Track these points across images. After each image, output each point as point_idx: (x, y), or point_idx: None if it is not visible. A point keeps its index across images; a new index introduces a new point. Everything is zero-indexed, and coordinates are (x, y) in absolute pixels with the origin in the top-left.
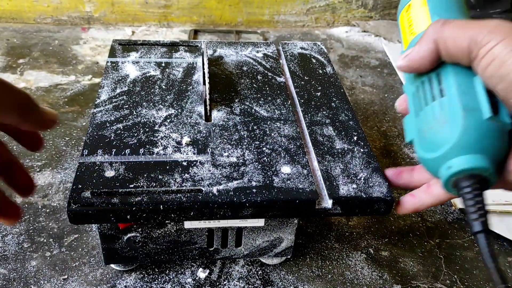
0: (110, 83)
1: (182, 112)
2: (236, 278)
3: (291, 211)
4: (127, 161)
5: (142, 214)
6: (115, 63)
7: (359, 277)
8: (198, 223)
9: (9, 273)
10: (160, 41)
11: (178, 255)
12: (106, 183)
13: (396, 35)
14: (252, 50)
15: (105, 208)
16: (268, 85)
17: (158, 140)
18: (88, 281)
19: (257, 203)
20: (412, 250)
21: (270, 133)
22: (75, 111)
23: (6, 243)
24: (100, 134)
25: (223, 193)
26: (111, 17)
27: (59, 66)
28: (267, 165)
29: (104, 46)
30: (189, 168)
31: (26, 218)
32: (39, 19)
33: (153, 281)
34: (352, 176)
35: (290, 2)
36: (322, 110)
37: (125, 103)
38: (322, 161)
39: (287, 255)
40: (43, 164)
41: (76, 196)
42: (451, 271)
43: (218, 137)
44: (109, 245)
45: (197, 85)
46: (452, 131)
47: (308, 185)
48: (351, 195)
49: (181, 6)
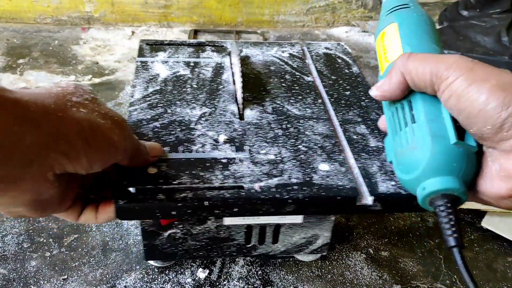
0: (142, 82)
1: (216, 110)
2: (236, 278)
3: (331, 208)
4: (168, 158)
5: (187, 210)
6: (145, 63)
7: (359, 277)
8: (237, 220)
9: (9, 273)
10: (186, 41)
11: (216, 252)
12: (150, 180)
13: None
14: (277, 50)
15: (151, 204)
16: (297, 84)
17: (195, 138)
18: (88, 281)
19: (299, 200)
20: (412, 250)
21: (304, 131)
22: None
23: (6, 243)
24: (138, 132)
25: (265, 190)
26: (111, 17)
27: (59, 66)
28: (305, 163)
29: (104, 46)
30: (229, 165)
31: (25, 218)
32: (39, 19)
33: (152, 281)
34: (389, 173)
35: (290, 2)
36: (353, 108)
37: (159, 102)
38: (358, 158)
39: (322, 252)
40: None
41: (122, 192)
42: (451, 271)
43: (253, 135)
44: (150, 241)
45: (227, 84)
46: (422, 156)
47: (348, 182)
48: (390, 192)
49: (181, 6)
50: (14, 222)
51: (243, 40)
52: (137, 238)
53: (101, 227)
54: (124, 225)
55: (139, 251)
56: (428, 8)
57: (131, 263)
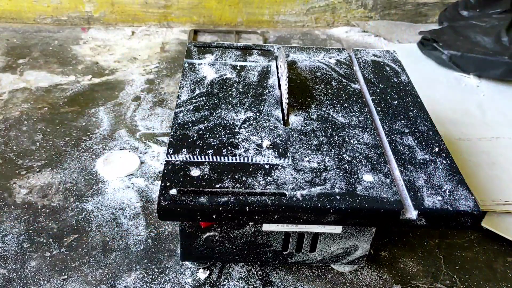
0: (189, 84)
1: (260, 115)
2: (236, 278)
3: (374, 220)
4: (211, 161)
5: (227, 214)
6: (192, 65)
7: (359, 277)
8: (276, 226)
9: (9, 273)
10: (233, 44)
11: (252, 257)
12: (192, 182)
13: (396, 35)
14: (324, 56)
15: (193, 207)
16: (343, 91)
17: (239, 142)
18: (88, 281)
19: (341, 210)
20: (412, 250)
21: (349, 140)
22: (75, 111)
23: (6, 243)
24: (183, 134)
25: (306, 198)
26: (111, 17)
27: (59, 66)
28: (349, 172)
29: (104, 46)
30: (272, 171)
31: (25, 218)
32: (39, 19)
33: (152, 281)
34: (436, 187)
35: (290, 2)
36: (400, 119)
37: (205, 104)
38: (404, 171)
39: (360, 263)
40: (42, 164)
41: (165, 193)
42: (451, 271)
43: (297, 141)
44: (188, 242)
45: (272, 89)
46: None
47: (392, 195)
48: (436, 207)
49: (181, 6)
50: (14, 222)
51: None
52: (137, 239)
53: (101, 227)
54: (124, 225)
55: (139, 251)
56: (428, 8)
57: (131, 263)
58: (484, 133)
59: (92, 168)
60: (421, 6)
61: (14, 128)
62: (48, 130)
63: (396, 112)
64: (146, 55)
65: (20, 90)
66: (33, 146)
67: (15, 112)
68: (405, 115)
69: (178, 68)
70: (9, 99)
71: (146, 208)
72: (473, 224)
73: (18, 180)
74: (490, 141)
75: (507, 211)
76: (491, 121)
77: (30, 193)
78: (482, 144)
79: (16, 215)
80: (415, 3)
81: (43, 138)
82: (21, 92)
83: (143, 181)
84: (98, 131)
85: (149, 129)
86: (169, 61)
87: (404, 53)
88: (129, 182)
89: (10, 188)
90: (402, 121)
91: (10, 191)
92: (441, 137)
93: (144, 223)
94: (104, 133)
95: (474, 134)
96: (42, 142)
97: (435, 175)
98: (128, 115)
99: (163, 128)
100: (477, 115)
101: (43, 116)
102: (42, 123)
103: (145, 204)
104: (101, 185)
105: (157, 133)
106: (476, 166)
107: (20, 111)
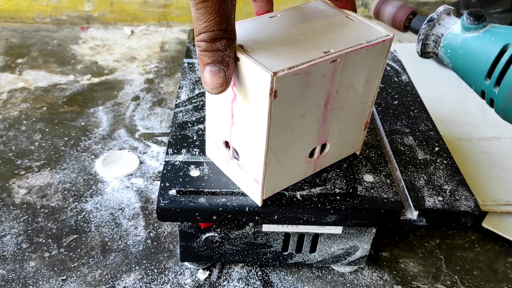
0: (188, 84)
1: None
2: (236, 278)
3: (374, 220)
4: (211, 162)
5: (227, 215)
6: (192, 64)
7: (359, 278)
8: (276, 227)
9: (7, 273)
10: None
11: (252, 257)
12: (192, 182)
13: (397, 35)
14: None
15: (192, 207)
16: None
17: None
18: (87, 282)
19: (341, 211)
20: (412, 251)
21: None
22: (74, 111)
23: (4, 243)
24: (183, 134)
25: (306, 199)
26: (110, 17)
27: (58, 66)
28: (349, 173)
29: (103, 45)
30: None
31: (24, 219)
32: (38, 19)
33: (152, 282)
34: (437, 188)
35: (290, 2)
36: (401, 119)
37: (205, 104)
38: (404, 171)
39: (360, 264)
40: (41, 164)
41: (164, 194)
42: (452, 272)
43: None
44: (187, 243)
45: None
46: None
47: (393, 195)
48: (437, 207)
49: (181, 5)
50: (13, 223)
51: None
52: (136, 239)
53: (100, 228)
54: (123, 225)
55: (138, 252)
56: (428, 8)
57: (131, 263)
58: (485, 133)
59: (91, 168)
60: (421, 6)
61: (13, 128)
62: (47, 130)
63: (396, 112)
64: (145, 55)
65: (19, 90)
66: (32, 146)
67: (14, 112)
68: (406, 115)
69: (177, 68)
70: (8, 99)
71: (146, 208)
72: (474, 224)
73: (17, 180)
74: (491, 141)
75: (508, 212)
76: (492, 121)
77: (29, 193)
78: (483, 144)
79: (15, 215)
80: (416, 3)
81: (42, 138)
82: (20, 92)
83: (143, 181)
84: (97, 131)
85: (148, 129)
86: (168, 60)
87: (405, 52)
88: (128, 182)
89: (8, 188)
90: (402, 121)
91: (9, 191)
92: (441, 137)
93: (144, 224)
94: (103, 133)
95: (474, 134)
96: (41, 142)
97: (436, 175)
98: (127, 115)
99: (163, 128)
100: (478, 115)
101: (42, 116)
102: (41, 123)
103: (144, 204)
104: (100, 185)
105: (156, 133)
106: (476, 166)
107: (19, 111)
